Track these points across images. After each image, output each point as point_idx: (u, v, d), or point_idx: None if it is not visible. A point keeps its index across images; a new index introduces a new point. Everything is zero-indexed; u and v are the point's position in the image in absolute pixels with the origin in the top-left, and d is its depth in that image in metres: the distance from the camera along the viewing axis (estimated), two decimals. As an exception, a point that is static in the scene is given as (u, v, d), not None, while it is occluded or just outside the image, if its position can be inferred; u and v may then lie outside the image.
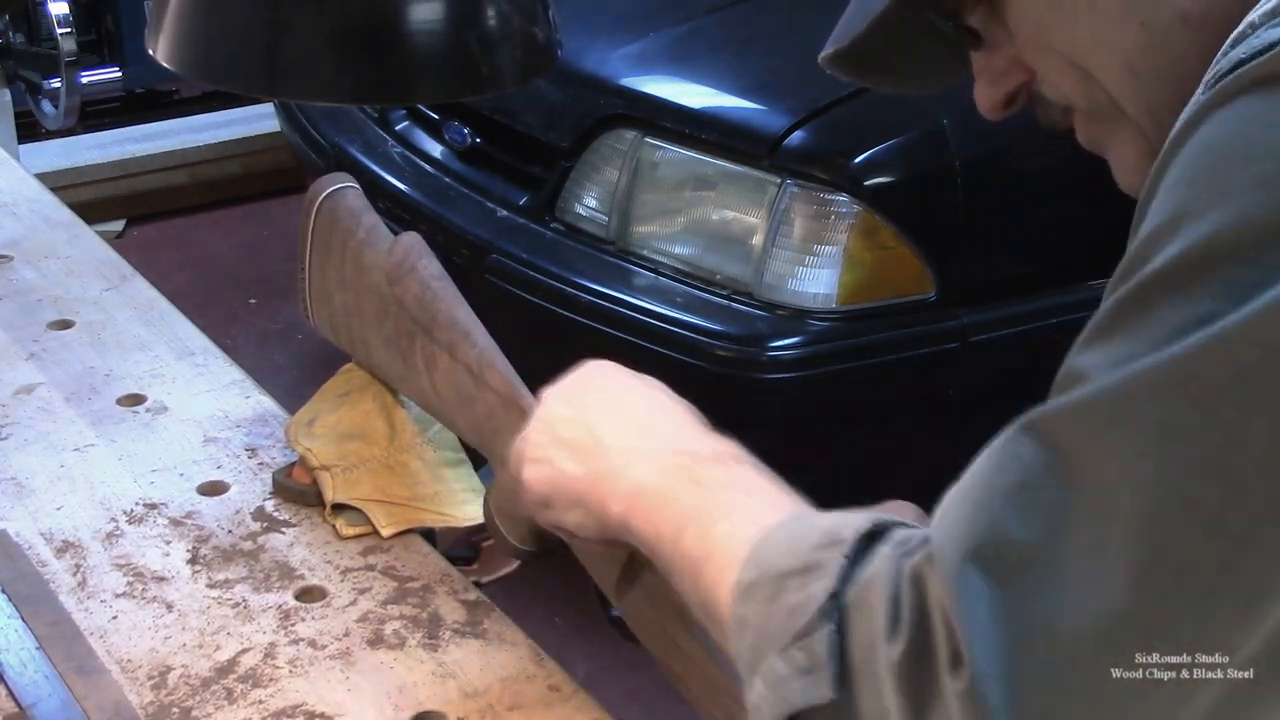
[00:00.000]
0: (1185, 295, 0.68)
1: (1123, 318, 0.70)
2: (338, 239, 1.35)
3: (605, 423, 1.01)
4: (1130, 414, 0.68)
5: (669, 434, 0.99)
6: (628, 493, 0.96)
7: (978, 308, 2.60)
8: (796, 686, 0.75)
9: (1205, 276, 0.67)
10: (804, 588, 0.77)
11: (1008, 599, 0.68)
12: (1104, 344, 0.70)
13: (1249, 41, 0.71)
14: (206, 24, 1.01)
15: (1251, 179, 0.67)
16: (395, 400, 1.37)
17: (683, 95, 2.81)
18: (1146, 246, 0.70)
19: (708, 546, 0.88)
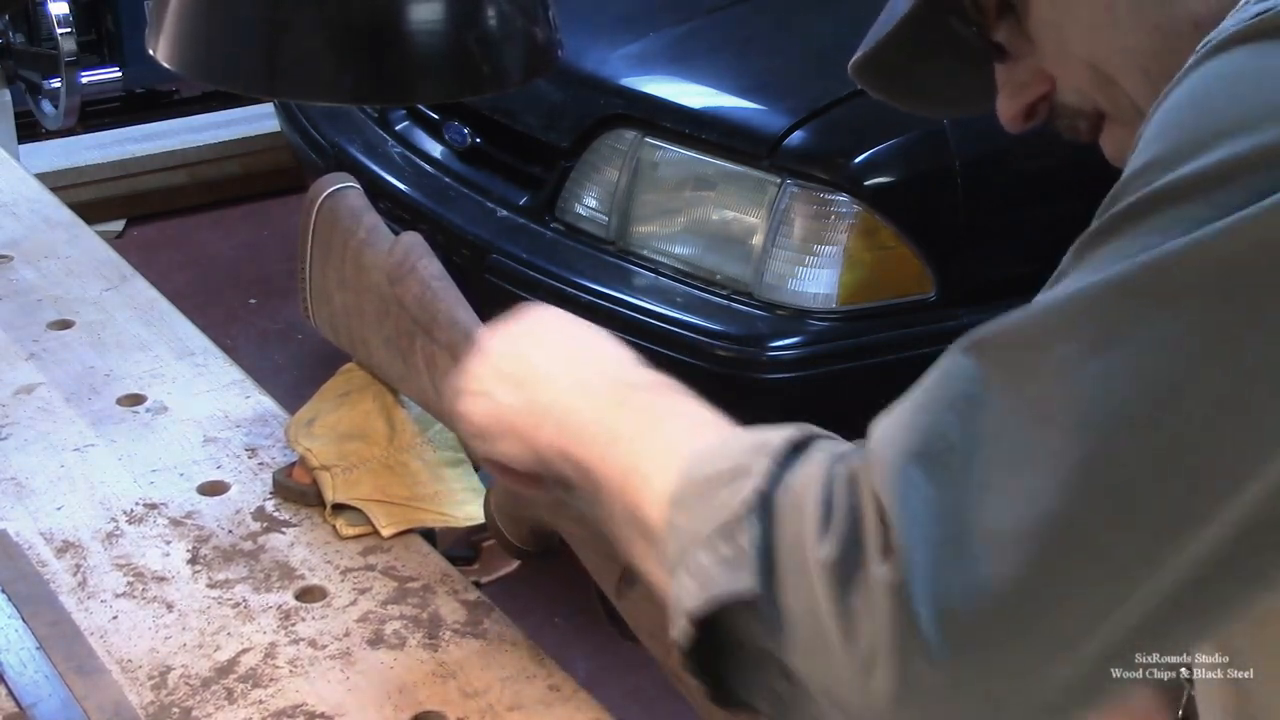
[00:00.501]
0: (1134, 229, 0.69)
1: (1074, 258, 0.71)
2: (338, 239, 1.35)
3: (544, 355, 1.00)
4: (1071, 324, 0.68)
5: (606, 365, 0.98)
6: (561, 418, 0.95)
7: (978, 308, 2.60)
8: (719, 574, 0.75)
9: (1158, 212, 0.68)
10: (730, 485, 0.77)
11: (945, 497, 0.68)
12: (1090, 251, 0.71)
13: (1237, 14, 0.72)
14: (206, 24, 1.01)
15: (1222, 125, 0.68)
16: (395, 400, 1.37)
17: (683, 95, 2.81)
18: (1117, 192, 0.71)
19: (637, 462, 0.87)
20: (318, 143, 3.32)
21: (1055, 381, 0.68)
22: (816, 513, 0.72)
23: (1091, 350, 0.67)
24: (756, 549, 0.74)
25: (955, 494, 0.68)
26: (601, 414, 0.93)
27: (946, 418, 0.69)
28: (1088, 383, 0.67)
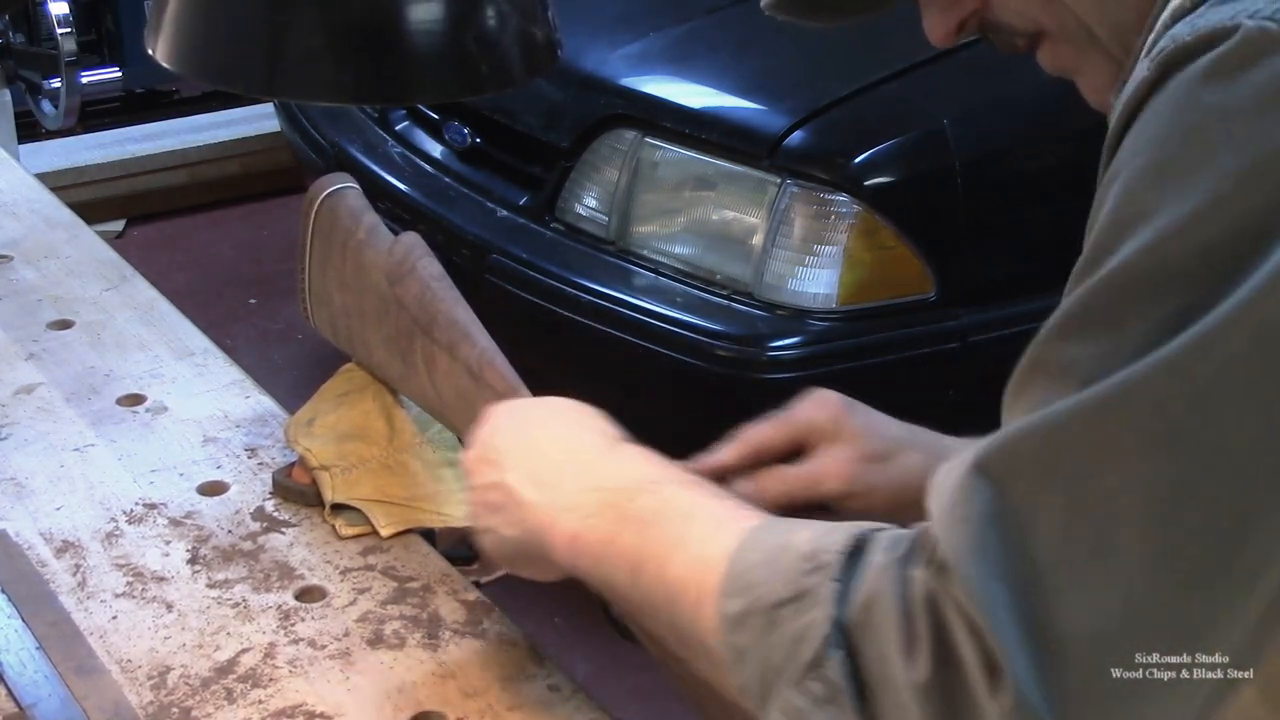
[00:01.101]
0: (1155, 294, 0.70)
1: (1095, 310, 0.72)
2: (338, 239, 1.35)
3: (519, 478, 1.02)
4: (1126, 419, 0.70)
5: (581, 471, 0.99)
6: (566, 545, 0.97)
7: (978, 308, 2.60)
8: (820, 717, 0.76)
9: (1173, 274, 0.70)
10: (800, 615, 0.78)
11: (1036, 609, 0.70)
12: (1078, 338, 0.73)
13: (1191, 20, 0.73)
14: (206, 24, 1.01)
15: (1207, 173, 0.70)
16: (395, 400, 1.37)
17: (683, 95, 2.81)
18: (1109, 236, 0.73)
19: (671, 582, 0.88)
20: (318, 143, 3.32)
21: (1116, 476, 0.70)
22: (898, 634, 0.74)
23: (1149, 443, 0.70)
24: (847, 681, 0.75)
25: (1045, 605, 0.70)
26: (605, 536, 0.94)
27: (1013, 533, 0.71)
28: (1149, 473, 0.70)
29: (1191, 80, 0.71)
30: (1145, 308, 0.71)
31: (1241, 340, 0.69)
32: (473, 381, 1.21)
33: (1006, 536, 0.71)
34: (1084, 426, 0.71)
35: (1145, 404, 0.70)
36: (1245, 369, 0.69)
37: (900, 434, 1.18)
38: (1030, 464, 0.72)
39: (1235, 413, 0.69)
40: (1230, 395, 0.69)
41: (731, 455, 1.17)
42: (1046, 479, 0.71)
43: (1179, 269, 0.70)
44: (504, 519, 1.02)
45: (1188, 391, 0.69)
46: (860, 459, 1.16)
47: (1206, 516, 0.70)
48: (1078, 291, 0.73)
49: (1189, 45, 0.72)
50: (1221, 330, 0.69)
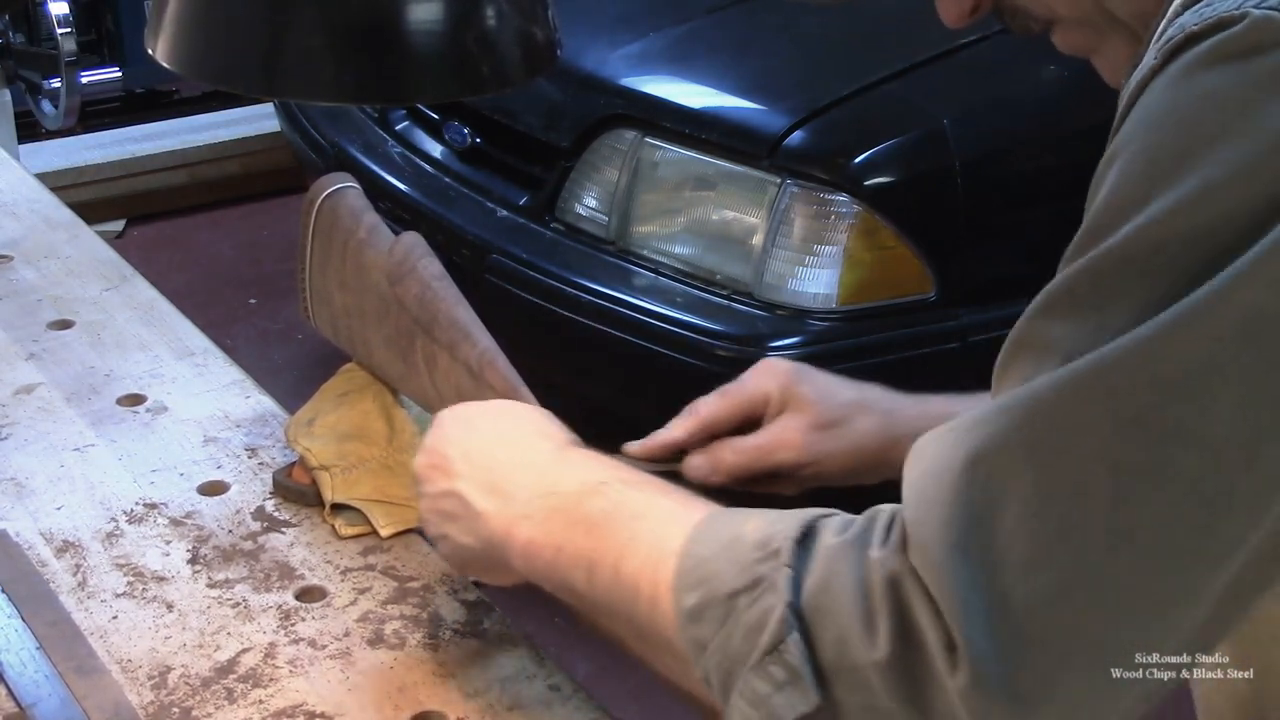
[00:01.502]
0: (1142, 276, 0.71)
1: (1083, 290, 0.73)
2: (338, 239, 1.35)
3: (471, 487, 1.02)
4: (1099, 397, 0.70)
5: (532, 478, 1.00)
6: (521, 552, 0.98)
7: (978, 308, 2.60)
8: (781, 700, 0.77)
9: (1161, 258, 0.70)
10: (756, 603, 0.79)
11: (998, 586, 0.71)
12: (1064, 316, 0.73)
13: (1199, 8, 0.73)
14: (206, 24, 1.01)
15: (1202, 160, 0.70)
16: (395, 400, 1.37)
17: (683, 95, 2.81)
18: (1105, 217, 0.73)
19: (626, 582, 0.89)
20: (318, 143, 3.32)
21: (1084, 461, 0.71)
22: (856, 615, 0.75)
23: (1125, 422, 0.70)
24: (805, 663, 0.76)
25: (1007, 583, 0.71)
26: (558, 542, 0.95)
27: (980, 509, 0.72)
28: (1115, 456, 0.70)
29: (1193, 63, 0.71)
30: (1132, 289, 0.71)
31: (1219, 325, 0.69)
32: (473, 381, 1.21)
33: (974, 513, 0.72)
34: (1057, 404, 0.71)
35: (1119, 384, 0.70)
36: (1221, 353, 0.69)
37: (852, 397, 1.18)
38: (1003, 441, 0.72)
39: (1209, 396, 0.69)
40: (1205, 379, 0.69)
41: (683, 430, 1.18)
42: (1018, 456, 0.72)
43: (1167, 253, 0.70)
44: (459, 528, 1.03)
45: (1163, 373, 0.69)
46: (812, 427, 1.16)
47: (1175, 498, 0.70)
48: (1067, 270, 0.74)
49: (1195, 33, 0.72)
50: (1200, 314, 0.69)
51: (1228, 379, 0.69)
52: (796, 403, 1.17)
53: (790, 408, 1.17)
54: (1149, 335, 0.69)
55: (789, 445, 1.16)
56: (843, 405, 1.17)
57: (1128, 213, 0.71)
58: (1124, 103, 0.75)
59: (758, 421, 1.18)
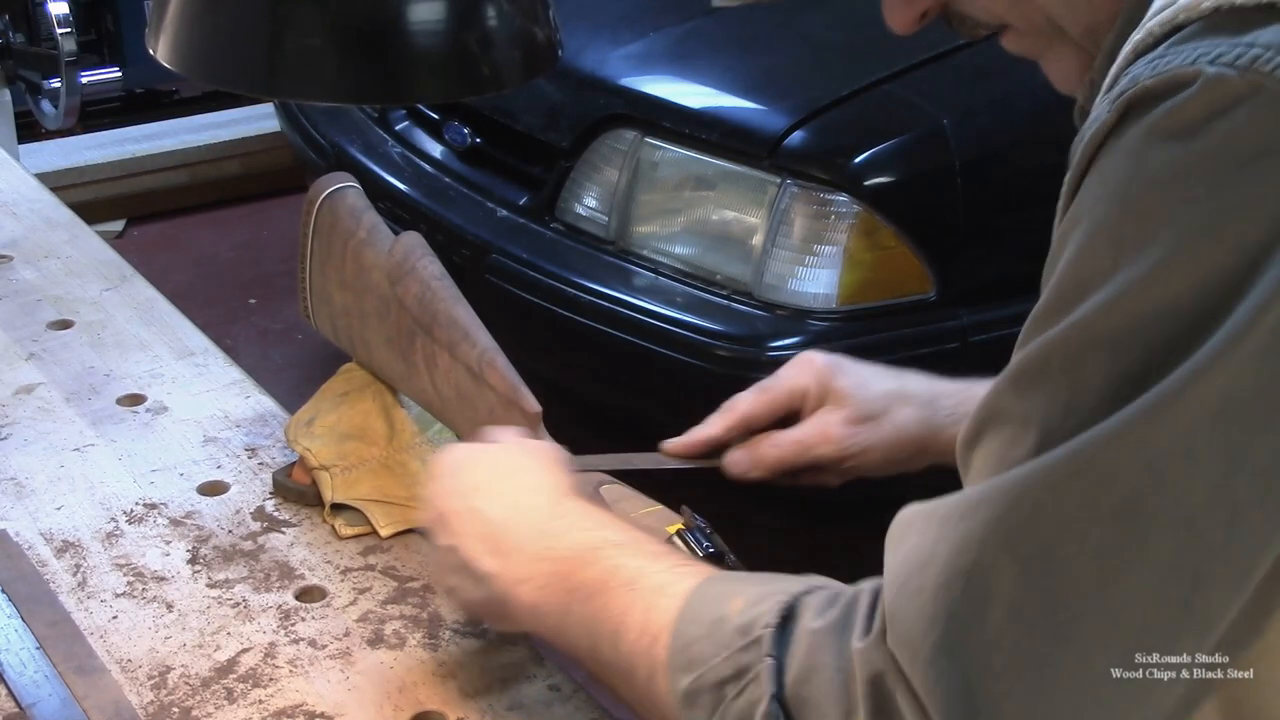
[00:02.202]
0: (1113, 352, 0.70)
1: (1054, 364, 0.73)
2: (338, 239, 1.35)
3: (472, 546, 1.03)
4: (1080, 488, 0.71)
5: (528, 538, 1.00)
6: (527, 614, 1.00)
7: (978, 308, 2.60)
8: None
9: (1129, 334, 0.70)
10: (742, 694, 0.81)
11: (986, 689, 0.71)
12: (1036, 390, 0.73)
13: (1153, 60, 0.72)
14: (206, 24, 1.01)
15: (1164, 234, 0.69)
16: (395, 400, 1.37)
17: (683, 95, 2.81)
18: (1069, 289, 0.73)
19: (625, 658, 0.91)
20: (318, 143, 3.32)
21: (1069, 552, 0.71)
22: (838, 708, 0.76)
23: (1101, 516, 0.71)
24: None
25: (993, 683, 0.71)
26: (560, 610, 0.96)
27: (965, 608, 0.72)
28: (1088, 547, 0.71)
29: (1150, 132, 0.70)
30: (1102, 365, 0.71)
31: (1194, 408, 0.69)
32: (473, 381, 1.21)
33: (959, 613, 0.72)
34: (1037, 497, 0.72)
35: (1098, 475, 0.70)
36: (1198, 436, 0.69)
37: (890, 388, 1.18)
38: (985, 536, 0.73)
39: (1188, 479, 0.69)
40: (1183, 463, 0.69)
41: (721, 427, 1.19)
42: (1001, 553, 0.72)
43: (1135, 329, 0.70)
44: (467, 582, 1.04)
45: (1140, 460, 0.69)
46: (851, 420, 1.17)
47: (1159, 581, 0.70)
48: (1036, 343, 0.74)
49: (1149, 88, 0.71)
50: (1174, 399, 0.69)
51: (1205, 460, 0.69)
52: (835, 396, 1.17)
53: (829, 401, 1.18)
54: (1125, 424, 0.70)
55: (828, 440, 1.17)
56: (881, 397, 1.17)
57: (1092, 286, 0.71)
58: (1081, 155, 0.75)
59: (796, 416, 1.18)
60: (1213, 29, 0.70)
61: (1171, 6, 0.72)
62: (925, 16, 0.92)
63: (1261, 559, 0.71)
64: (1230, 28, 0.69)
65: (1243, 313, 0.67)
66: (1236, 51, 0.68)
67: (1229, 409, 0.68)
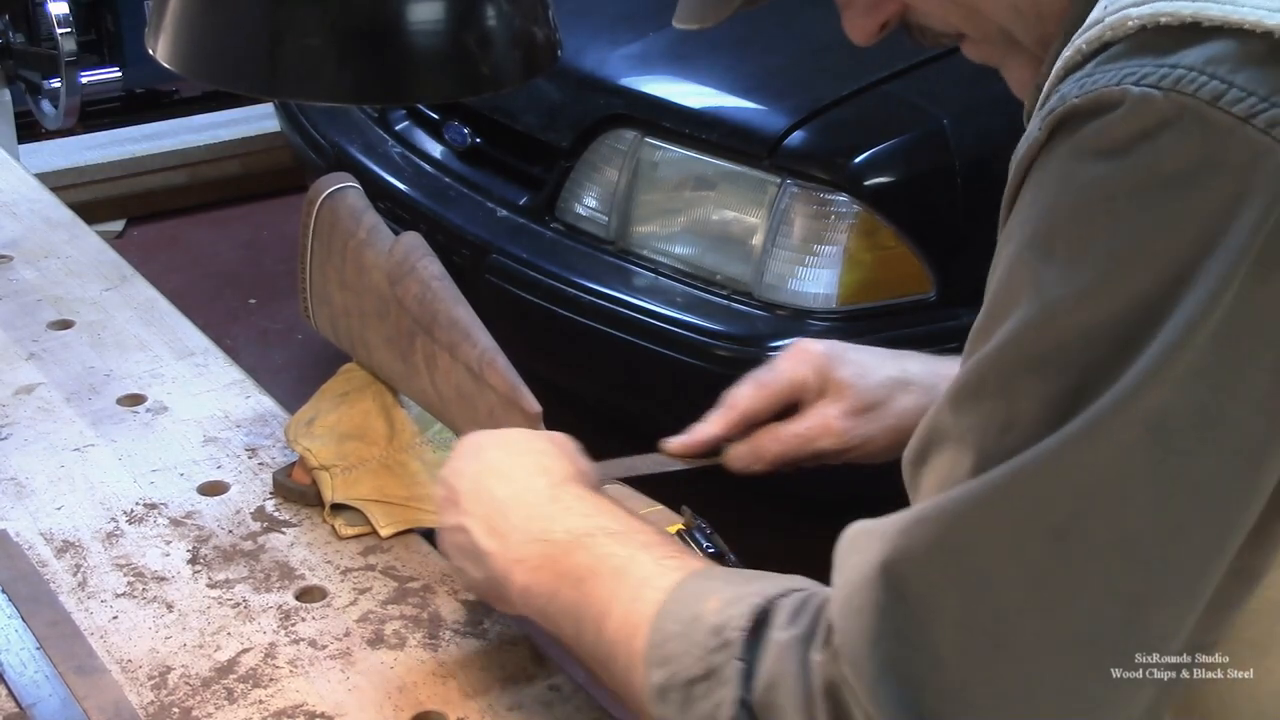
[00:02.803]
0: (1043, 371, 0.71)
1: (988, 382, 0.73)
2: (338, 239, 1.35)
3: (476, 524, 1.04)
4: (1016, 510, 0.71)
5: (526, 520, 1.02)
6: (519, 595, 1.01)
7: (978, 308, 2.59)
8: None
9: (1058, 353, 0.71)
10: (711, 694, 0.82)
11: (931, 704, 0.72)
12: (973, 407, 0.74)
13: (1080, 79, 0.72)
14: (206, 24, 1.01)
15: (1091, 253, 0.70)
16: (395, 400, 1.37)
17: (683, 95, 2.81)
18: (1000, 305, 0.74)
19: (605, 646, 0.92)
20: (318, 143, 3.32)
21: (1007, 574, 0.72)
22: (796, 711, 0.78)
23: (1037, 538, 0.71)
24: None
25: (937, 699, 0.73)
26: (549, 592, 0.98)
27: (905, 627, 0.73)
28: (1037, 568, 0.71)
29: (1077, 151, 0.71)
30: (1034, 384, 0.71)
31: (1127, 431, 0.69)
32: (473, 381, 1.21)
33: (900, 631, 0.73)
34: (974, 519, 0.72)
35: (1035, 495, 0.71)
36: (1132, 457, 0.69)
37: (891, 374, 1.18)
38: (925, 557, 0.73)
39: (1123, 502, 0.70)
40: (1117, 485, 0.70)
41: (721, 425, 1.19)
42: (940, 572, 0.73)
43: (1066, 349, 0.70)
44: (470, 562, 1.05)
45: (1075, 482, 0.70)
46: (852, 412, 1.17)
47: (1098, 603, 0.71)
48: (972, 361, 0.74)
49: (1077, 107, 0.71)
50: (1107, 421, 0.69)
51: (1140, 481, 0.69)
52: (835, 387, 1.17)
53: (829, 393, 1.17)
54: (1058, 446, 0.70)
55: (830, 432, 1.17)
56: (882, 385, 1.17)
57: (1022, 303, 0.72)
58: (1015, 171, 0.76)
59: (795, 406, 1.18)
60: (1139, 49, 0.70)
61: (1099, 24, 0.72)
62: (885, 27, 0.93)
63: (1209, 574, 0.71)
64: (1156, 48, 0.69)
65: (1170, 332, 0.68)
66: (1161, 72, 0.69)
67: (1162, 429, 0.68)
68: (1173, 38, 0.69)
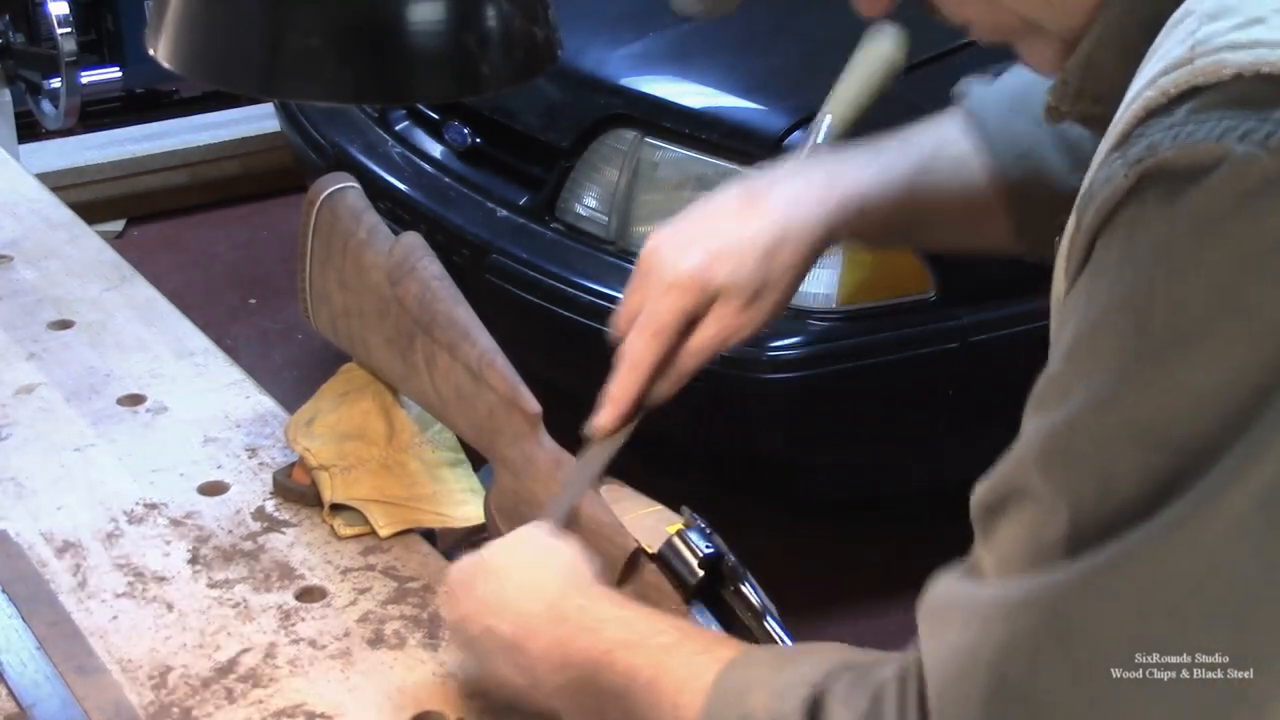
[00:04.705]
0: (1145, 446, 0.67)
1: (1085, 454, 0.70)
2: (338, 239, 1.35)
3: (499, 664, 1.02)
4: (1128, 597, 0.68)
5: (544, 649, 0.98)
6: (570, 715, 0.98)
7: (978, 308, 2.60)
8: None
9: (1163, 430, 0.67)
10: None
11: None
12: (1070, 476, 0.70)
13: (1174, 127, 0.67)
14: (206, 24, 1.01)
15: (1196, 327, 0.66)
16: (395, 400, 1.37)
17: (683, 95, 2.81)
18: (1094, 367, 0.69)
19: None
20: (318, 143, 3.32)
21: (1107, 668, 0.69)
22: None
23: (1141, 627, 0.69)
24: None
25: None
26: (598, 711, 0.94)
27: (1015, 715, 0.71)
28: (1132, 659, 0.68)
29: (1175, 218, 0.65)
30: (1135, 456, 0.68)
31: (1236, 506, 0.66)
32: (473, 381, 1.21)
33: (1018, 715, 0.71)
34: (1088, 602, 0.69)
35: (1146, 575, 0.68)
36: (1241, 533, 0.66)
37: (762, 248, 1.15)
38: (1035, 643, 0.70)
39: (1241, 569, 0.67)
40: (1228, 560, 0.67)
41: (637, 384, 1.16)
42: (1052, 660, 0.70)
43: (1168, 423, 0.66)
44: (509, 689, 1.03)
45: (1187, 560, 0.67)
46: (745, 306, 1.16)
47: (1197, 706, 0.68)
48: (1060, 418, 0.71)
49: (1170, 160, 0.65)
50: (1216, 497, 0.66)
51: (1252, 553, 0.66)
52: (719, 293, 1.15)
53: (718, 298, 1.15)
54: (1171, 522, 0.67)
55: (737, 330, 1.16)
56: (759, 264, 1.15)
57: (1113, 368, 0.68)
58: (1093, 216, 0.70)
59: (696, 321, 1.16)
60: (1238, 101, 0.64)
61: (1187, 66, 0.67)
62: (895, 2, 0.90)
63: None
64: (1257, 101, 0.64)
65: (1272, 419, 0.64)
66: (1267, 129, 0.63)
67: (1273, 503, 0.65)
68: (1276, 88, 0.64)
